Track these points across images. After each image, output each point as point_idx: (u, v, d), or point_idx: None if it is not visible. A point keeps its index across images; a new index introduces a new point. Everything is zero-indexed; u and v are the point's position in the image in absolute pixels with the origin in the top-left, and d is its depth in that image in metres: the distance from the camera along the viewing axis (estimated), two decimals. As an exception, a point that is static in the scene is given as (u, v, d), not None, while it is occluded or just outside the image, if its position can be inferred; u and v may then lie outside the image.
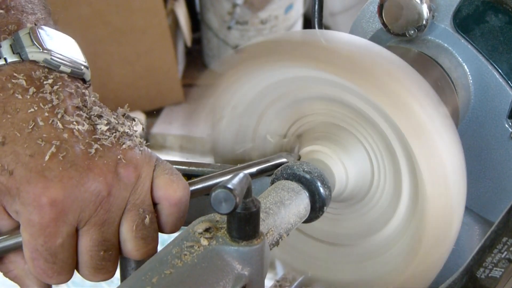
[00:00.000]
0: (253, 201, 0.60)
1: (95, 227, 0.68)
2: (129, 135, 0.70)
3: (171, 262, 0.60)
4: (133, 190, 0.69)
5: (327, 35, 0.77)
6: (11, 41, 0.70)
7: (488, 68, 0.88)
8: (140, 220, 0.70)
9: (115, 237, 0.70)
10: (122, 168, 0.68)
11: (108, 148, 0.68)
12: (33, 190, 0.65)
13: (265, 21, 3.80)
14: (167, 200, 0.71)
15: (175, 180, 0.71)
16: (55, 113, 0.67)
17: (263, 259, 0.62)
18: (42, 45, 0.70)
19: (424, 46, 0.90)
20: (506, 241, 0.70)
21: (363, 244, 0.83)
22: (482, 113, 0.90)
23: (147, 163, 0.70)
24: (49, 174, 0.65)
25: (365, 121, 0.78)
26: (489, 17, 0.87)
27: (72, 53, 0.73)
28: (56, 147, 0.66)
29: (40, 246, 0.67)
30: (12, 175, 0.65)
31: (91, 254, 0.69)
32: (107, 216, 0.68)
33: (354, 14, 1.00)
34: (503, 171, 0.90)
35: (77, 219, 0.67)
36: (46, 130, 0.67)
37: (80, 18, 3.34)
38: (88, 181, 0.66)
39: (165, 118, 3.69)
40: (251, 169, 0.79)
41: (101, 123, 0.69)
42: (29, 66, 0.70)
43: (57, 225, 0.66)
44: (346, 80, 0.73)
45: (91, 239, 0.68)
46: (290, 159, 0.81)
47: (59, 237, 0.67)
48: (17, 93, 0.68)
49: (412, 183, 0.77)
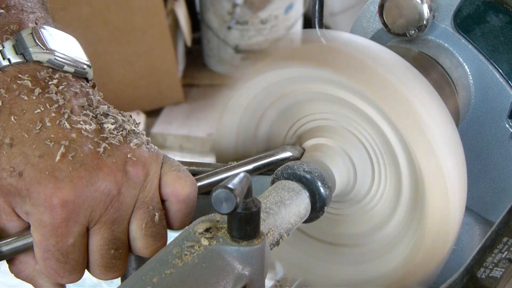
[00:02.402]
0: (253, 201, 0.60)
1: (105, 226, 0.68)
2: (135, 133, 0.71)
3: (172, 262, 0.60)
4: (142, 188, 0.69)
5: (327, 35, 0.77)
6: (13, 42, 0.70)
7: (488, 68, 0.88)
8: (150, 217, 0.70)
9: (125, 235, 0.70)
10: (130, 167, 0.68)
11: (116, 147, 0.68)
12: (44, 191, 0.65)
13: (265, 21, 3.80)
14: (175, 196, 0.71)
15: (182, 176, 0.71)
16: (61, 113, 0.67)
17: (263, 259, 0.62)
18: (46, 45, 0.70)
19: (424, 46, 0.90)
20: (507, 241, 0.70)
21: (363, 245, 0.83)
22: (483, 113, 0.90)
23: (155, 160, 0.70)
24: (60, 174, 0.65)
25: (365, 121, 0.78)
26: (490, 17, 0.87)
27: (74, 52, 0.73)
28: (65, 147, 0.66)
29: (51, 246, 0.67)
30: (21, 176, 0.65)
31: (101, 252, 0.69)
32: (117, 215, 0.68)
33: (354, 14, 1.00)
34: (504, 171, 0.90)
35: (88, 219, 0.67)
36: (54, 131, 0.66)
37: (80, 18, 3.34)
38: (98, 180, 0.66)
39: (165, 118, 3.69)
40: (256, 163, 0.79)
41: (108, 122, 0.69)
42: (33, 66, 0.70)
43: (69, 225, 0.66)
44: (346, 80, 0.73)
45: (101, 238, 0.69)
46: (295, 152, 0.81)
47: (70, 237, 0.67)
48: (22, 94, 0.67)
49: (412, 183, 0.77)
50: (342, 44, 0.75)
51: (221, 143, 0.85)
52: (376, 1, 0.92)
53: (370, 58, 0.73)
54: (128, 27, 3.47)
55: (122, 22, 3.45)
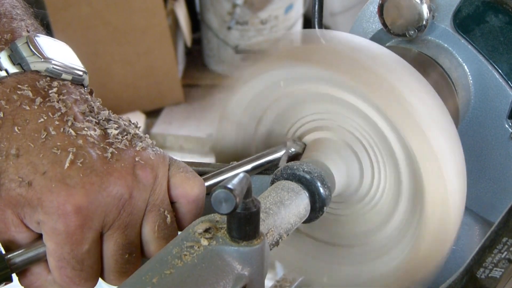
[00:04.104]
0: (253, 201, 0.60)
1: (119, 231, 0.68)
2: (139, 137, 0.70)
3: (171, 262, 0.60)
4: (152, 191, 0.69)
5: (327, 35, 0.77)
6: (9, 52, 0.69)
7: (488, 68, 0.88)
8: (161, 220, 0.70)
9: (138, 239, 0.70)
10: (139, 170, 0.68)
11: (123, 151, 0.68)
12: (57, 198, 0.64)
13: (265, 21, 3.80)
14: (185, 197, 0.71)
15: (191, 177, 0.71)
16: (65, 120, 0.67)
17: (263, 259, 0.62)
18: (43, 54, 0.70)
19: (424, 46, 0.90)
20: (506, 241, 0.70)
21: (363, 245, 0.83)
22: (482, 113, 0.90)
23: (162, 163, 0.70)
24: (71, 181, 0.65)
25: (364, 121, 0.78)
26: (489, 17, 0.87)
27: (70, 59, 0.72)
28: (73, 154, 0.65)
29: (66, 254, 0.66)
30: (31, 186, 0.65)
31: (116, 258, 0.69)
32: (130, 219, 0.68)
33: (354, 14, 1.00)
34: (503, 171, 0.90)
35: (101, 224, 0.67)
36: (60, 139, 0.66)
37: (80, 18, 3.34)
38: (110, 185, 0.66)
39: (165, 118, 3.69)
40: (260, 160, 0.79)
41: (111, 127, 0.69)
42: (31, 76, 0.69)
43: (83, 231, 0.66)
44: (345, 80, 0.73)
45: (115, 243, 0.68)
46: (296, 147, 0.81)
47: (85, 244, 0.66)
48: (24, 104, 0.67)
49: (412, 183, 0.77)
50: (342, 44, 0.75)
51: (221, 143, 0.85)
52: (375, 1, 0.92)
53: (370, 59, 0.73)
54: (128, 27, 3.47)
55: (122, 22, 3.45)
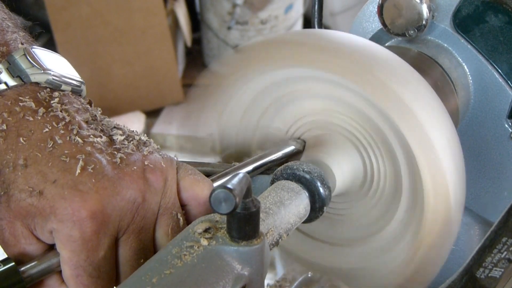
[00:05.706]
0: (253, 201, 0.60)
1: (133, 235, 0.68)
2: (144, 142, 0.70)
3: (171, 262, 0.60)
4: (163, 194, 0.69)
5: (327, 35, 0.77)
6: (6, 65, 0.69)
7: (488, 68, 0.88)
8: (174, 223, 0.69)
9: (151, 243, 0.70)
10: (150, 174, 0.68)
11: (131, 156, 0.68)
12: (71, 205, 0.64)
13: (265, 21, 3.80)
14: (196, 200, 0.71)
15: (200, 179, 0.71)
16: (70, 129, 0.67)
17: (263, 259, 0.62)
18: (42, 65, 0.70)
19: (424, 46, 0.90)
20: (506, 241, 0.70)
21: (363, 245, 0.83)
22: (482, 113, 0.90)
23: (170, 166, 0.70)
24: (83, 187, 0.64)
25: (364, 120, 0.78)
26: (489, 17, 0.87)
27: (67, 70, 0.72)
28: (83, 161, 0.65)
29: (83, 261, 0.65)
30: (42, 195, 0.64)
31: (131, 263, 0.68)
32: (143, 223, 0.68)
33: (354, 14, 1.00)
34: (503, 171, 0.90)
35: (116, 229, 0.66)
36: (67, 147, 0.66)
37: (80, 18, 3.34)
38: (123, 189, 0.66)
39: (165, 118, 3.69)
40: (263, 160, 0.79)
41: (116, 133, 0.69)
42: (31, 88, 0.69)
43: (99, 237, 0.65)
44: (345, 80, 0.73)
45: (130, 248, 0.68)
46: (297, 145, 0.82)
47: (101, 250, 0.66)
48: (27, 115, 0.67)
49: (411, 183, 0.77)
50: (341, 44, 0.75)
51: (221, 143, 0.85)
52: (375, 1, 0.92)
53: (369, 59, 0.73)
54: (128, 27, 3.47)
55: (122, 22, 3.45)
